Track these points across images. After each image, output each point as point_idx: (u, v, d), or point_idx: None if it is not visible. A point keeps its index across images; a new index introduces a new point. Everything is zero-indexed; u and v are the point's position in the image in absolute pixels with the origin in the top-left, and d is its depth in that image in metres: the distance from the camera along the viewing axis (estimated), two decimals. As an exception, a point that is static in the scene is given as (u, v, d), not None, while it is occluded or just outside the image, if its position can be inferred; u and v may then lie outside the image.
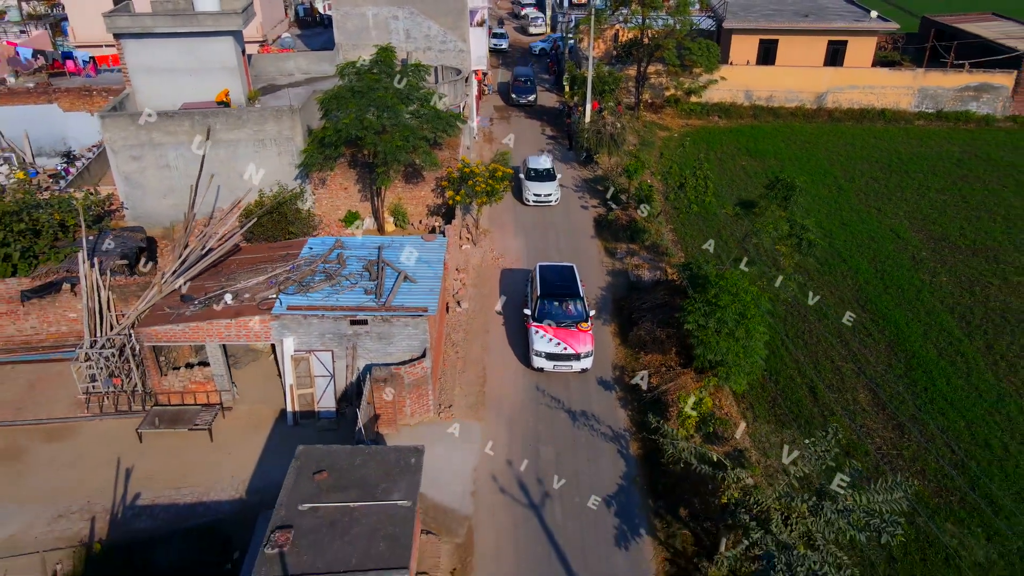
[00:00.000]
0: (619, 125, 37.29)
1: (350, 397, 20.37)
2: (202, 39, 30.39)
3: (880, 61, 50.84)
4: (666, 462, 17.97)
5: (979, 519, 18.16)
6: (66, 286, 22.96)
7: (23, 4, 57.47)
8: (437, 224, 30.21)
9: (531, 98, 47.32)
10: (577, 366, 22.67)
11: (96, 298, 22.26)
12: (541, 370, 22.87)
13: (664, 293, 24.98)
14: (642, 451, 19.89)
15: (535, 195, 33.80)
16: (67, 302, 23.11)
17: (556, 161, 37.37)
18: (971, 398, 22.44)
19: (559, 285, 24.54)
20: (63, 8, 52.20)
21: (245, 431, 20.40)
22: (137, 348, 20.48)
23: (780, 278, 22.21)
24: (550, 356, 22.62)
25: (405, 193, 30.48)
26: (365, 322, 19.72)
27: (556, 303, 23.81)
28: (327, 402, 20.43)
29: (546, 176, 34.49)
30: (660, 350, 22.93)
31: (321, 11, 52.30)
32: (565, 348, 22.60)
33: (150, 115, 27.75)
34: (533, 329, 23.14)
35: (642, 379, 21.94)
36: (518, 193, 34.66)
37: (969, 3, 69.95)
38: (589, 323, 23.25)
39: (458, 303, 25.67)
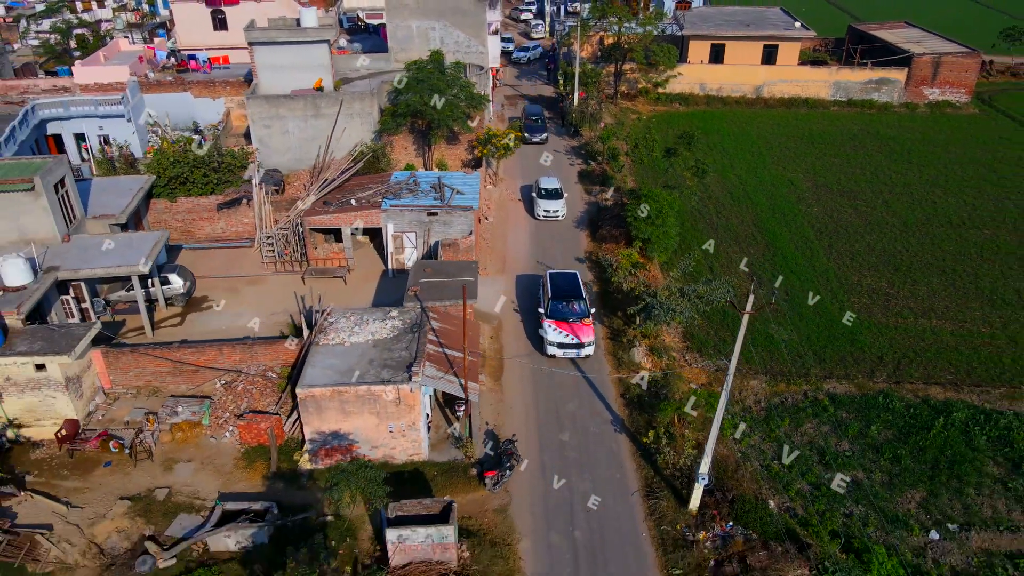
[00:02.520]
0: (598, 107, 52.00)
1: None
2: (306, 45, 45.18)
3: (812, 60, 65.68)
4: (612, 289, 32.61)
5: (786, 319, 32.64)
6: (244, 201, 37.60)
7: (120, 15, 72.42)
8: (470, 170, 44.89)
9: (543, 136, 51.53)
10: (582, 352, 29.29)
11: (261, 208, 36.90)
12: (553, 356, 29.40)
13: (618, 210, 39.57)
14: (599, 286, 34.51)
15: (545, 211, 40.66)
16: (243, 211, 37.73)
17: (553, 136, 51.94)
18: (808, 270, 36.97)
19: (566, 289, 31.11)
20: (154, 18, 67.36)
21: (363, 281, 34.98)
22: (301, 231, 35.08)
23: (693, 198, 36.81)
24: (561, 345, 29.21)
25: (447, 151, 45.19)
26: (436, 213, 34.31)
27: (564, 303, 30.24)
28: (412, 259, 34.98)
29: (555, 195, 41.23)
30: (614, 240, 37.53)
31: (365, 20, 67.15)
32: (572, 339, 29.06)
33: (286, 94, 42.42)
34: (546, 324, 29.44)
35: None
36: (530, 208, 42.10)
37: (901, 11, 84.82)
38: (591, 318, 29.68)
39: (486, 217, 40.33)
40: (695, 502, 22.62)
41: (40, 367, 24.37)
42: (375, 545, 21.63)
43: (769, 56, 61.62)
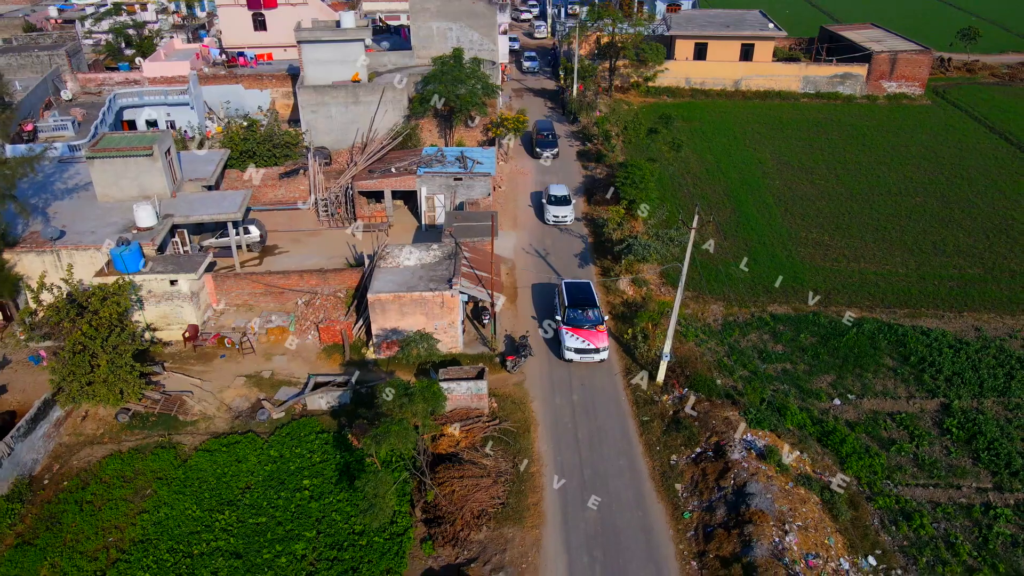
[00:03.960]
0: (594, 98, 60.77)
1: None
2: (345, 43, 53.87)
3: (786, 57, 74.51)
4: (604, 239, 41.33)
5: (746, 250, 41.30)
6: (301, 171, 46.32)
7: (165, 18, 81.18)
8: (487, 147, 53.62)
9: (554, 151, 54.69)
10: (597, 357, 32.07)
11: (315, 177, 45.59)
12: (571, 361, 32.45)
13: (609, 180, 48.30)
14: (593, 238, 43.26)
15: (554, 216, 44.50)
16: (300, 180, 46.43)
17: (555, 122, 60.66)
18: (766, 228, 45.67)
19: (580, 298, 33.78)
20: (194, 20, 76.12)
21: (402, 233, 43.70)
22: (351, 193, 43.79)
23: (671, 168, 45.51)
24: (578, 351, 31.91)
25: (465, 134, 53.94)
26: (460, 179, 43.02)
27: (579, 311, 32.90)
28: (440, 219, 43.69)
29: (563, 201, 45.12)
30: (605, 203, 46.26)
31: (385, 21, 75.97)
32: (588, 344, 31.82)
33: (328, 84, 51.25)
34: (564, 331, 32.31)
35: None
36: (539, 214, 46.19)
37: (874, 12, 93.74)
38: (604, 325, 32.58)
39: (500, 186, 49.08)
40: (661, 375, 31.32)
41: (173, 282, 33.04)
42: (428, 403, 30.29)
43: (746, 53, 70.39)
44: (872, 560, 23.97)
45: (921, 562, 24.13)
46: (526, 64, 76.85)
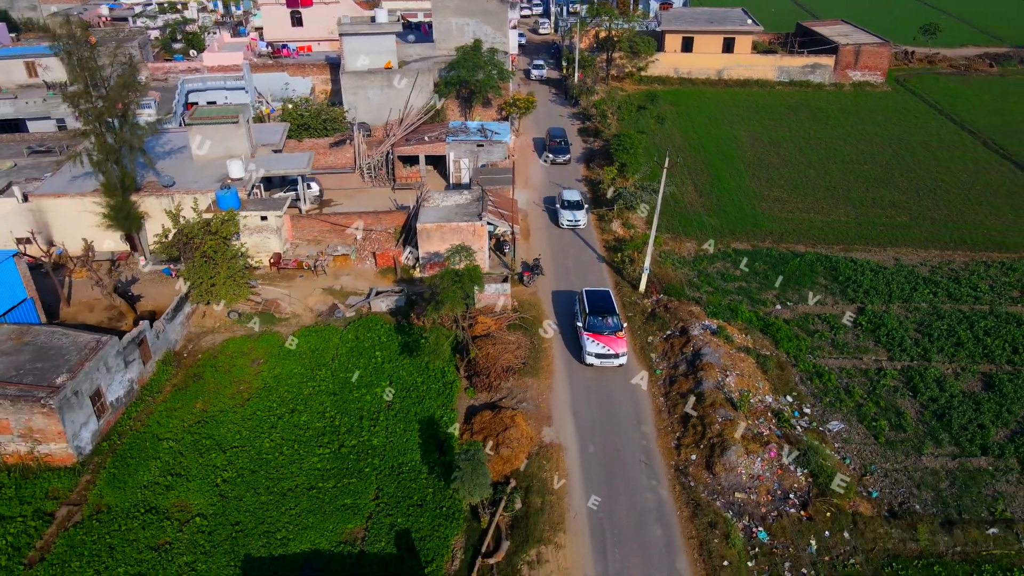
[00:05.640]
0: (593, 84, 70.97)
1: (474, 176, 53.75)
2: (379, 36, 64.06)
3: (765, 50, 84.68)
4: (600, 194, 51.45)
5: (717, 204, 51.32)
6: (347, 142, 56.43)
7: (206, 16, 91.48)
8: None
9: (567, 157, 58.47)
10: (616, 362, 34.58)
11: (358, 146, 55.70)
12: (591, 365, 35.00)
13: (605, 150, 58.36)
14: (592, 194, 53.34)
15: (568, 220, 48.07)
16: (346, 149, 56.52)
17: (559, 105, 70.77)
18: (735, 188, 55.75)
19: (600, 306, 36.02)
20: (231, 17, 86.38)
21: (434, 188, 53.77)
22: (392, 158, 53.89)
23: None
24: (598, 355, 34.50)
25: (482, 113, 64.10)
26: (482, 145, 53.13)
27: (600, 318, 35.32)
28: (465, 179, 53.74)
29: (577, 206, 48.54)
30: (600, 167, 56.32)
31: (406, 18, 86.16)
32: (608, 349, 34.24)
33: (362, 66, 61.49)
34: (585, 336, 34.72)
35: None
36: (554, 218, 49.90)
37: (849, 8, 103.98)
38: (623, 332, 35.31)
39: (512, 155, 59.18)
40: (643, 285, 41.31)
41: (264, 218, 43.07)
42: (464, 305, 40.31)
43: (728, 46, 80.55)
44: (789, 398, 33.96)
45: (825, 400, 34.11)
46: (535, 73, 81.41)
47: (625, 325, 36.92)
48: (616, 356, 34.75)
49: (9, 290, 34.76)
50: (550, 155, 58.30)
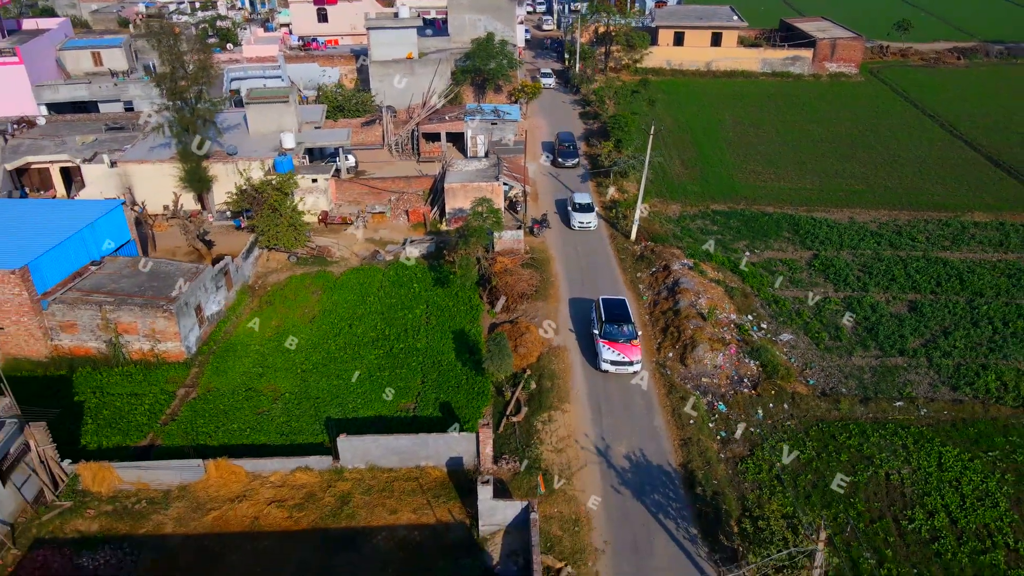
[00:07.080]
0: (592, 74, 79.74)
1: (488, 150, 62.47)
2: (402, 30, 72.81)
3: (750, 44, 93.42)
4: (598, 166, 60.14)
5: (697, 179, 60.00)
6: (376, 122, 65.13)
7: (235, 14, 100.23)
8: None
9: (575, 161, 62.01)
10: (631, 369, 36.42)
11: (386, 126, 64.39)
12: (607, 372, 37.08)
13: (602, 130, 67.03)
14: (591, 167, 62.04)
15: (579, 222, 51.36)
16: (375, 128, 65.20)
17: (560, 92, 79.39)
18: (717, 163, 64.39)
19: (616, 314, 38.01)
20: (258, 14, 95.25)
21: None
22: (416, 135, 62.60)
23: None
24: (613, 362, 36.51)
25: (493, 98, 72.85)
26: (496, 123, 61.85)
27: (616, 326, 37.29)
28: (481, 152, 62.43)
29: (587, 208, 52.10)
30: (599, 143, 65.02)
31: (420, 15, 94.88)
32: (623, 357, 36.34)
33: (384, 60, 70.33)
34: (601, 344, 36.79)
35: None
36: (566, 220, 53.23)
37: (832, 5, 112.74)
38: (638, 339, 37.42)
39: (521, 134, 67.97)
40: (634, 235, 49.97)
41: (314, 180, 51.73)
42: (484, 251, 49.00)
43: (716, 40, 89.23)
44: (750, 317, 42.58)
45: (779, 319, 42.73)
46: (544, 82, 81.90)
47: (640, 333, 38.63)
48: (631, 363, 36.62)
49: (120, 231, 43.43)
50: (559, 159, 61.61)
